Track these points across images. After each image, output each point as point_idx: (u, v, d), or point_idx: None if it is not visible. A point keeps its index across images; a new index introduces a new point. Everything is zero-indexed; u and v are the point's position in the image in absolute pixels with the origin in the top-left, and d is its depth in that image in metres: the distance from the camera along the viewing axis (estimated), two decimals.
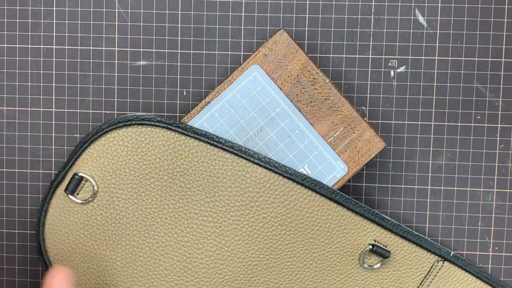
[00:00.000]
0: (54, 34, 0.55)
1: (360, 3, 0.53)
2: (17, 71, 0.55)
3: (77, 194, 0.53)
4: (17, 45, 0.55)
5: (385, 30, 0.54)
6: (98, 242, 0.54)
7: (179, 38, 0.54)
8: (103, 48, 0.55)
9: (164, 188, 0.53)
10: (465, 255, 0.55)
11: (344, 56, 0.54)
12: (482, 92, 0.54)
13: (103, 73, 0.55)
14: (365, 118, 0.53)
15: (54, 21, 0.55)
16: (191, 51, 0.54)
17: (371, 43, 0.54)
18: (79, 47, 0.55)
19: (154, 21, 0.54)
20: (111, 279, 0.54)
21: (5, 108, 0.55)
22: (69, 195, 0.53)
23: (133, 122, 0.52)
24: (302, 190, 0.52)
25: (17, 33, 0.55)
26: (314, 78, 0.52)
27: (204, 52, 0.54)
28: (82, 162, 0.53)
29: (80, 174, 0.53)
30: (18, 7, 0.55)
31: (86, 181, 0.53)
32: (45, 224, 0.54)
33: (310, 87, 0.52)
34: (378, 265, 0.53)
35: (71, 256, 0.54)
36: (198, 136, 0.52)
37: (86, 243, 0.54)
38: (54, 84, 0.55)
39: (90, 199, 0.53)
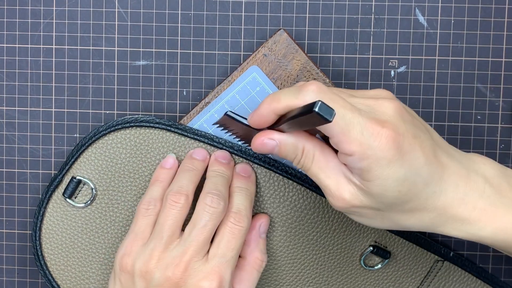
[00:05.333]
0: (54, 34, 0.55)
1: (360, 2, 0.53)
2: (16, 71, 0.55)
3: (75, 197, 0.53)
4: (17, 45, 0.55)
5: (385, 30, 0.54)
6: (97, 246, 0.53)
7: (179, 38, 0.54)
8: (103, 48, 0.55)
9: None
10: (466, 255, 0.55)
11: (344, 56, 0.54)
12: (483, 92, 0.54)
13: (103, 73, 0.55)
14: None
15: (54, 21, 0.55)
16: (191, 51, 0.54)
17: (371, 43, 0.54)
18: (78, 47, 0.55)
19: (154, 20, 0.54)
20: None
21: (4, 108, 0.55)
22: (67, 199, 0.53)
23: (132, 124, 0.52)
24: (303, 191, 0.52)
25: (17, 32, 0.55)
26: (314, 78, 0.52)
27: (204, 52, 0.54)
28: (80, 165, 0.53)
29: (78, 177, 0.53)
30: (17, 7, 0.55)
31: (84, 184, 0.53)
32: (41, 229, 0.53)
33: None
34: (379, 266, 0.53)
35: (69, 260, 0.54)
36: (198, 137, 0.52)
37: (84, 247, 0.54)
38: (53, 84, 0.55)
39: (88, 202, 0.53)
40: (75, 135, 0.55)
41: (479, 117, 0.54)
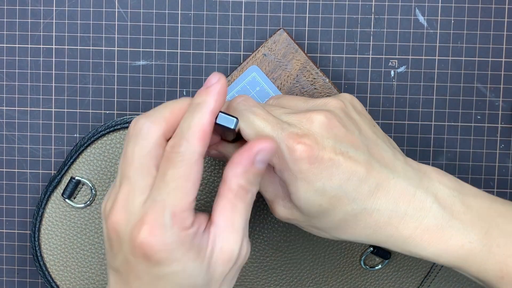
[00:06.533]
0: (54, 34, 0.55)
1: (360, 2, 0.53)
2: (16, 71, 0.55)
3: (74, 198, 0.53)
4: (17, 45, 0.55)
5: (385, 29, 0.54)
6: (97, 247, 0.54)
7: (179, 38, 0.54)
8: (103, 48, 0.55)
9: None
10: None
11: (344, 56, 0.54)
12: (482, 92, 0.54)
13: (103, 73, 0.55)
14: None
15: (54, 21, 0.55)
16: (191, 51, 0.54)
17: (371, 43, 0.54)
18: (78, 47, 0.55)
19: (153, 20, 0.54)
20: None
21: (4, 108, 0.55)
22: (67, 200, 0.53)
23: None
24: None
25: (17, 32, 0.55)
26: (314, 78, 0.52)
27: (204, 52, 0.54)
28: (79, 166, 0.53)
29: (77, 177, 0.53)
30: (17, 7, 0.55)
31: (83, 184, 0.53)
32: (40, 229, 0.53)
33: (309, 87, 0.52)
34: (379, 266, 0.53)
35: (68, 261, 0.54)
36: None
37: (83, 248, 0.54)
38: (53, 84, 0.55)
39: (88, 202, 0.53)
40: (75, 135, 0.55)
41: (479, 117, 0.54)
